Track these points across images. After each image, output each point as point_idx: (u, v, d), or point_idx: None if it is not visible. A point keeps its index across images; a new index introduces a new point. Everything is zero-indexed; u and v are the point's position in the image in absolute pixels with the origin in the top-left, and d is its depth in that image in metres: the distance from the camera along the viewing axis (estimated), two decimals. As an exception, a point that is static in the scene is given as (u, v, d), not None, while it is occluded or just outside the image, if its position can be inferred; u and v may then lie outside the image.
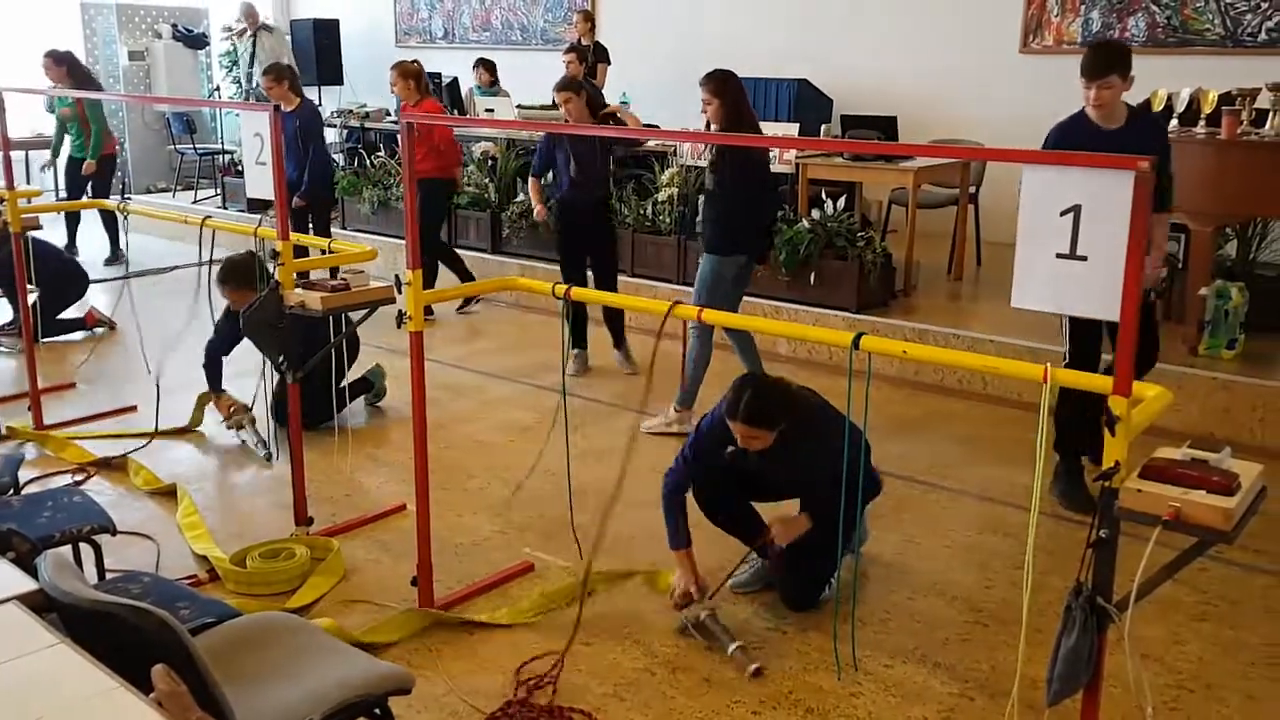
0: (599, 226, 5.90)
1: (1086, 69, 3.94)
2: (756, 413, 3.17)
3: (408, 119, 3.13)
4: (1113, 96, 3.93)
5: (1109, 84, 3.89)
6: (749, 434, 3.19)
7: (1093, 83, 3.92)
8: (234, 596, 3.44)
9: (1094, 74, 3.91)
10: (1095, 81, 3.91)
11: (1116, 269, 2.03)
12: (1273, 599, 3.55)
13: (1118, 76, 3.89)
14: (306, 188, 7.10)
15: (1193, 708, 2.95)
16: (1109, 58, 3.92)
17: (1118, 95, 3.95)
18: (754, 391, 3.20)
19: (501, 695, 2.98)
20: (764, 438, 3.20)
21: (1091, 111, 3.98)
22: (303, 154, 7.07)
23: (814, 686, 3.05)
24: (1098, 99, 3.93)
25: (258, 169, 3.69)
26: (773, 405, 3.20)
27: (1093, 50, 3.99)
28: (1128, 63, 3.92)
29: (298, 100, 7.13)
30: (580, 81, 5.94)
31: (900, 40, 8.55)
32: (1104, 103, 3.93)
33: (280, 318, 3.67)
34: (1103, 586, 2.16)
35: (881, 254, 6.34)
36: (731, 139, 4.77)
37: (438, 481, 3.48)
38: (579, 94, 5.71)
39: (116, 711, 1.46)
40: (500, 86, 9.80)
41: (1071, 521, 4.03)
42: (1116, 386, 2.10)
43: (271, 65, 7.54)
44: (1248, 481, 2.15)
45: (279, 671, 2.18)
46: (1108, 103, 3.93)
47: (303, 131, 7.06)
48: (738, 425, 3.19)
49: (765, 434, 3.19)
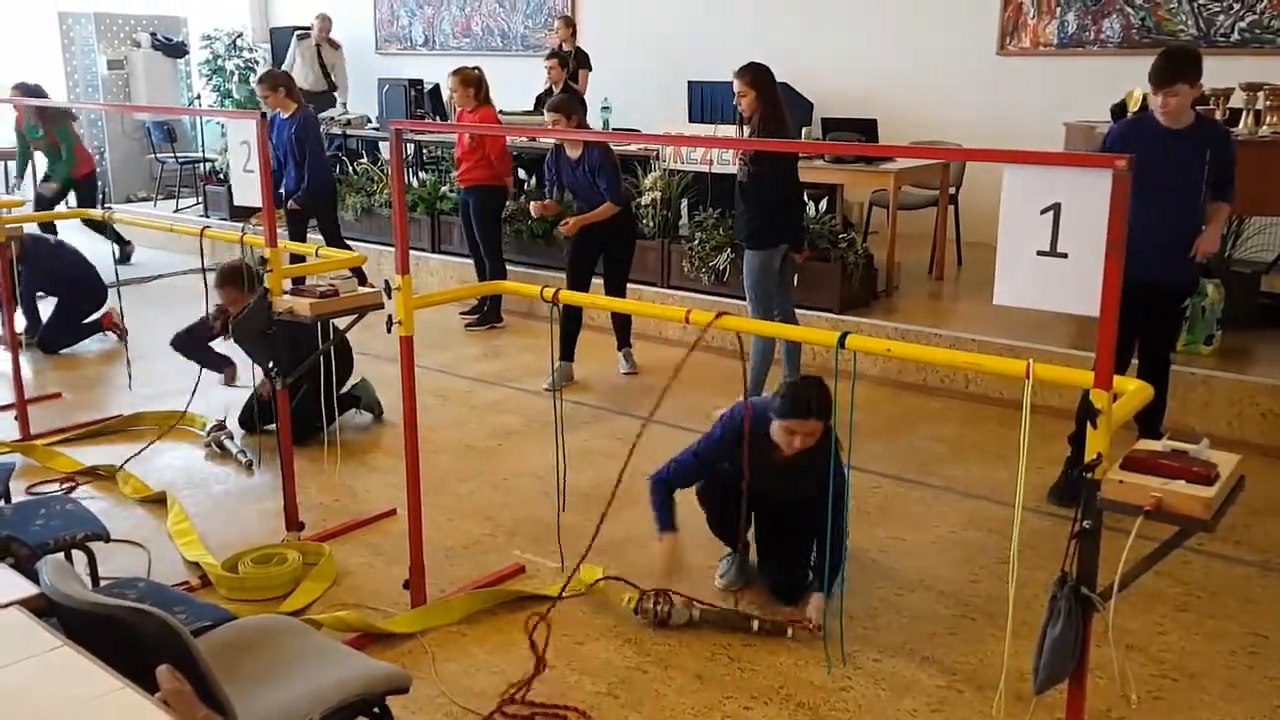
0: (616, 237, 5.84)
1: (1155, 76, 3.91)
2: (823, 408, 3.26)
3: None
4: (1179, 104, 3.90)
5: (1175, 92, 3.87)
6: (809, 430, 3.26)
7: (1160, 90, 3.89)
8: (226, 602, 3.45)
9: (1161, 82, 3.88)
10: (1163, 89, 3.88)
11: (1096, 265, 2.08)
12: (1252, 589, 3.61)
13: (1185, 84, 3.86)
14: (304, 193, 7.13)
15: (1175, 696, 3.01)
16: (1177, 66, 3.89)
17: (1185, 102, 3.91)
18: (818, 387, 3.31)
19: (495, 696, 3.00)
20: (816, 432, 3.28)
21: (1160, 116, 3.97)
22: (301, 160, 7.10)
23: (805, 681, 3.09)
24: (1164, 105, 3.91)
25: (245, 176, 3.71)
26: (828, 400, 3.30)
27: (1163, 58, 3.94)
28: (1197, 70, 3.90)
29: (295, 106, 7.15)
30: (572, 105, 5.93)
31: (879, 44, 8.62)
32: (1170, 110, 3.91)
33: (269, 324, 3.69)
34: (1087, 576, 2.20)
35: (863, 255, 6.40)
36: (714, 143, 4.82)
37: (427, 486, 3.50)
38: (569, 118, 5.69)
39: (124, 711, 1.48)
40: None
41: (1055, 516, 4.08)
42: (1097, 380, 2.14)
43: (266, 73, 7.56)
44: (1226, 472, 2.21)
45: (278, 673, 2.20)
46: (1174, 110, 3.91)
47: (300, 137, 7.09)
48: (807, 423, 3.26)
49: (818, 427, 3.28)
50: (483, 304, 7.24)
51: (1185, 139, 3.96)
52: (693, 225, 6.93)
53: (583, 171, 5.73)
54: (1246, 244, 6.14)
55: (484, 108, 6.90)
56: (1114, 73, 7.08)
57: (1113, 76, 6.77)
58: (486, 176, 6.86)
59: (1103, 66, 7.52)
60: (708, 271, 6.65)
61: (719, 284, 6.61)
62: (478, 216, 6.92)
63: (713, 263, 6.62)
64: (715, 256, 6.61)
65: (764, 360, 5.20)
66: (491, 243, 6.95)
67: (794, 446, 3.30)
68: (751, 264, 5.08)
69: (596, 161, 5.67)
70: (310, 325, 3.73)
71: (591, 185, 5.71)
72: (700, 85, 8.86)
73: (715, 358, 6.43)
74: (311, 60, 10.71)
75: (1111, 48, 7.63)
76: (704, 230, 6.72)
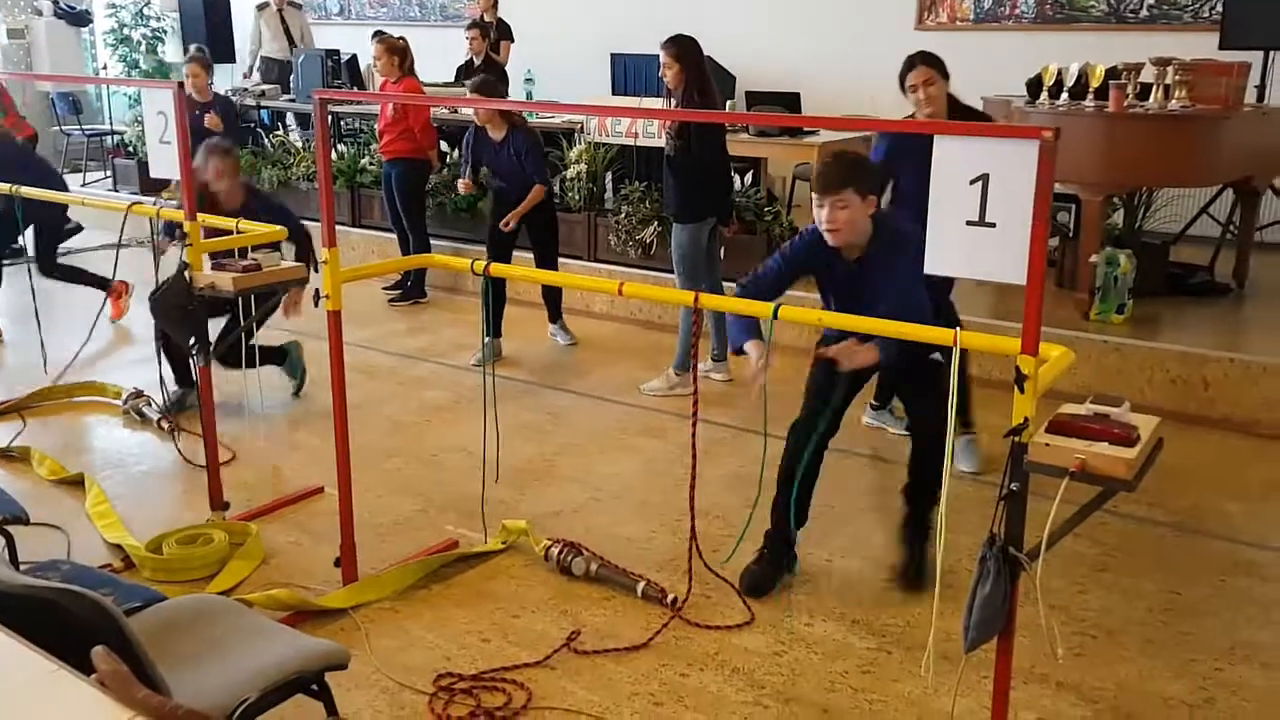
0: (533, 213, 5.75)
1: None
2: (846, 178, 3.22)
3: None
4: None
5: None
6: (838, 203, 3.20)
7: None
8: (151, 584, 3.37)
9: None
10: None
11: (1023, 234, 2.12)
12: (1167, 549, 3.75)
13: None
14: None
15: (1095, 653, 3.12)
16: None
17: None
18: (838, 158, 3.33)
19: (431, 671, 2.99)
20: (848, 204, 3.22)
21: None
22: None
23: (740, 648, 3.13)
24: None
25: (161, 148, 3.61)
26: (854, 171, 3.26)
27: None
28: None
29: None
30: (495, 86, 5.86)
31: (801, 18, 8.67)
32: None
33: (190, 300, 3.60)
34: (1015, 537, 2.27)
35: (789, 228, 6.45)
36: (640, 113, 4.82)
37: (356, 463, 3.46)
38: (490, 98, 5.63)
39: (63, 694, 1.44)
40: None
41: (979, 482, 4.18)
42: (1024, 346, 2.20)
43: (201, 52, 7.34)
44: (1146, 433, 2.28)
45: (213, 652, 2.17)
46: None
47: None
48: (825, 196, 3.23)
49: (850, 196, 3.22)
50: (406, 279, 7.14)
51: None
52: (619, 199, 6.91)
53: (508, 154, 5.66)
54: (1156, 215, 6.33)
55: (408, 78, 6.80)
56: (1029, 48, 7.23)
57: (1028, 52, 6.91)
58: (410, 149, 6.77)
59: (1018, 42, 7.67)
60: (635, 245, 6.65)
61: (646, 257, 6.61)
62: (401, 190, 6.82)
63: (640, 236, 6.62)
64: (642, 230, 6.61)
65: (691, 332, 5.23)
66: (415, 216, 6.86)
67: (833, 224, 3.25)
68: (680, 238, 5.10)
69: (524, 145, 5.63)
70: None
71: (517, 168, 5.65)
72: (624, 58, 8.83)
73: (640, 330, 6.46)
74: (277, 29, 10.37)
75: (1026, 23, 7.78)
76: (630, 204, 6.71)
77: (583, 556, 3.51)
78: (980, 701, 2.75)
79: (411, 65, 6.83)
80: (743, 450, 4.55)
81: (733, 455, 4.50)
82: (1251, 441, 4.72)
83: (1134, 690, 2.94)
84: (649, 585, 3.38)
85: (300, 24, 10.57)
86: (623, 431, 4.81)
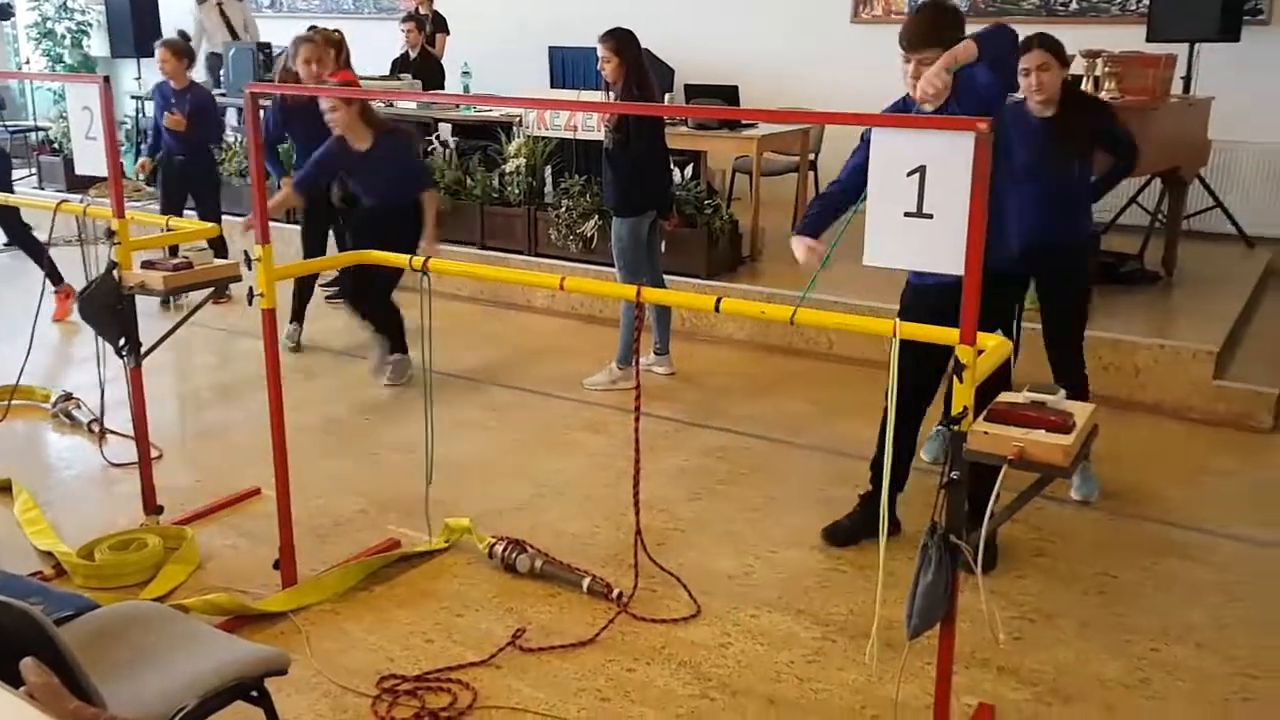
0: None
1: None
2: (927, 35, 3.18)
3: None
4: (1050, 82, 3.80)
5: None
6: (924, 60, 3.13)
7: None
8: (84, 591, 3.28)
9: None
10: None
11: (961, 226, 2.14)
12: (1101, 533, 3.82)
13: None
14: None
15: (1034, 636, 3.17)
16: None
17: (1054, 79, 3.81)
18: (924, 8, 3.34)
19: (374, 673, 2.96)
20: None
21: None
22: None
23: (686, 641, 3.13)
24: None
25: (87, 144, 3.52)
26: (938, 22, 3.25)
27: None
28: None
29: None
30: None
31: (738, 11, 8.69)
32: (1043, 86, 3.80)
33: (119, 299, 3.52)
34: (956, 525, 2.29)
35: (729, 221, 6.48)
36: (579, 106, 4.80)
37: (295, 463, 3.40)
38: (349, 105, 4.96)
39: (-12, 708, 1.40)
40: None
41: (918, 470, 4.22)
42: (962, 336, 2.22)
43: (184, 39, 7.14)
44: (1082, 420, 2.32)
45: (148, 661, 2.11)
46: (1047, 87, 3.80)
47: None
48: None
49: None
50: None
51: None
52: (559, 193, 6.88)
53: (376, 164, 5.09)
54: (1087, 205, 6.44)
55: (344, 72, 6.70)
56: (963, 41, 7.31)
57: (962, 45, 6.98)
58: None
59: (952, 35, 7.76)
60: (575, 239, 6.63)
61: (588, 252, 6.59)
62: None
63: (580, 230, 6.59)
64: (583, 224, 6.58)
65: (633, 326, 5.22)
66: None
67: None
68: (620, 231, 5.09)
69: (399, 150, 5.24)
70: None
71: (394, 178, 5.10)
72: (563, 51, 8.78)
73: (582, 324, 6.45)
74: (218, 23, 10.12)
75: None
76: (570, 198, 6.68)
77: (527, 553, 3.49)
78: (924, 687, 2.78)
79: (348, 58, 6.72)
80: (686, 443, 4.56)
81: (676, 449, 4.51)
82: (1182, 426, 4.84)
83: (1072, 672, 2.99)
84: (594, 581, 3.37)
85: (243, 17, 10.35)
86: (566, 427, 4.79)
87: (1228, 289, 6.03)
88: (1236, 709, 2.84)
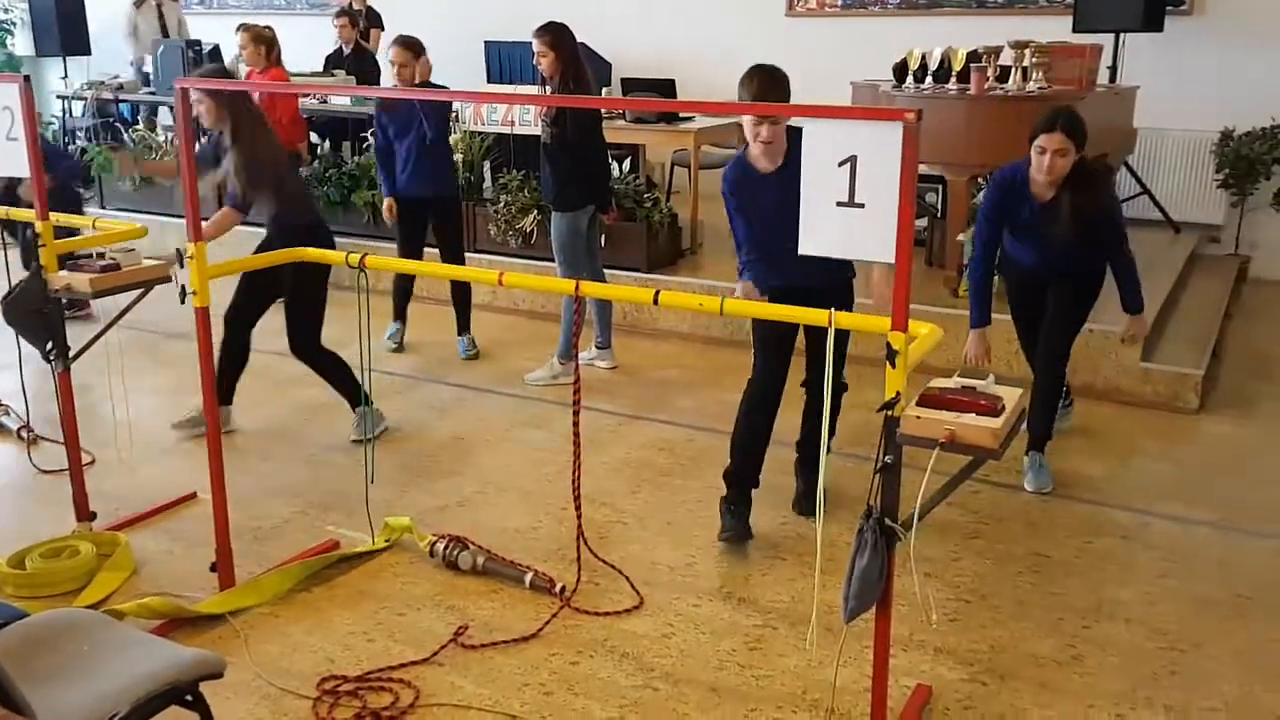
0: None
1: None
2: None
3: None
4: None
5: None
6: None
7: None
8: (15, 601, 3.21)
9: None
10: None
11: (891, 214, 2.17)
12: (1033, 514, 3.90)
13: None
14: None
15: (970, 616, 3.22)
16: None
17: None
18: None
19: (314, 675, 2.93)
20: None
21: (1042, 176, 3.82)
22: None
23: (628, 632, 3.14)
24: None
25: (7, 145, 3.42)
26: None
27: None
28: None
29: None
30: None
31: (674, 5, 8.71)
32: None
33: (45, 303, 3.44)
34: (890, 509, 2.33)
35: (668, 215, 6.49)
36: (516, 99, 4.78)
37: (231, 465, 3.36)
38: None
39: (-92, 719, 1.37)
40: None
41: (856, 458, 4.28)
42: (894, 323, 2.25)
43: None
44: (1010, 404, 2.37)
45: (79, 668, 2.08)
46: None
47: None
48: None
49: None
50: None
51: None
52: (497, 188, 6.85)
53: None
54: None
55: (275, 69, 6.61)
56: (895, 33, 7.41)
57: (893, 37, 7.07)
58: None
59: (884, 27, 7.86)
60: (515, 234, 6.60)
61: (527, 247, 6.57)
62: None
63: (519, 225, 6.57)
64: (522, 219, 6.56)
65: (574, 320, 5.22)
66: None
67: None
68: (560, 226, 5.08)
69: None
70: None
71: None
72: (497, 45, 8.73)
73: (522, 320, 6.43)
74: (154, 24, 9.89)
75: (892, 9, 7.97)
76: (509, 193, 6.65)
77: (469, 550, 3.48)
78: (863, 670, 2.82)
79: (279, 55, 6.64)
80: (628, 437, 4.57)
81: (618, 442, 4.51)
82: (1111, 408, 4.95)
83: (1008, 651, 3.05)
84: (537, 575, 3.37)
85: (177, 16, 10.18)
86: (507, 423, 4.78)
87: (1154, 274, 6.15)
88: (1165, 681, 2.92)
